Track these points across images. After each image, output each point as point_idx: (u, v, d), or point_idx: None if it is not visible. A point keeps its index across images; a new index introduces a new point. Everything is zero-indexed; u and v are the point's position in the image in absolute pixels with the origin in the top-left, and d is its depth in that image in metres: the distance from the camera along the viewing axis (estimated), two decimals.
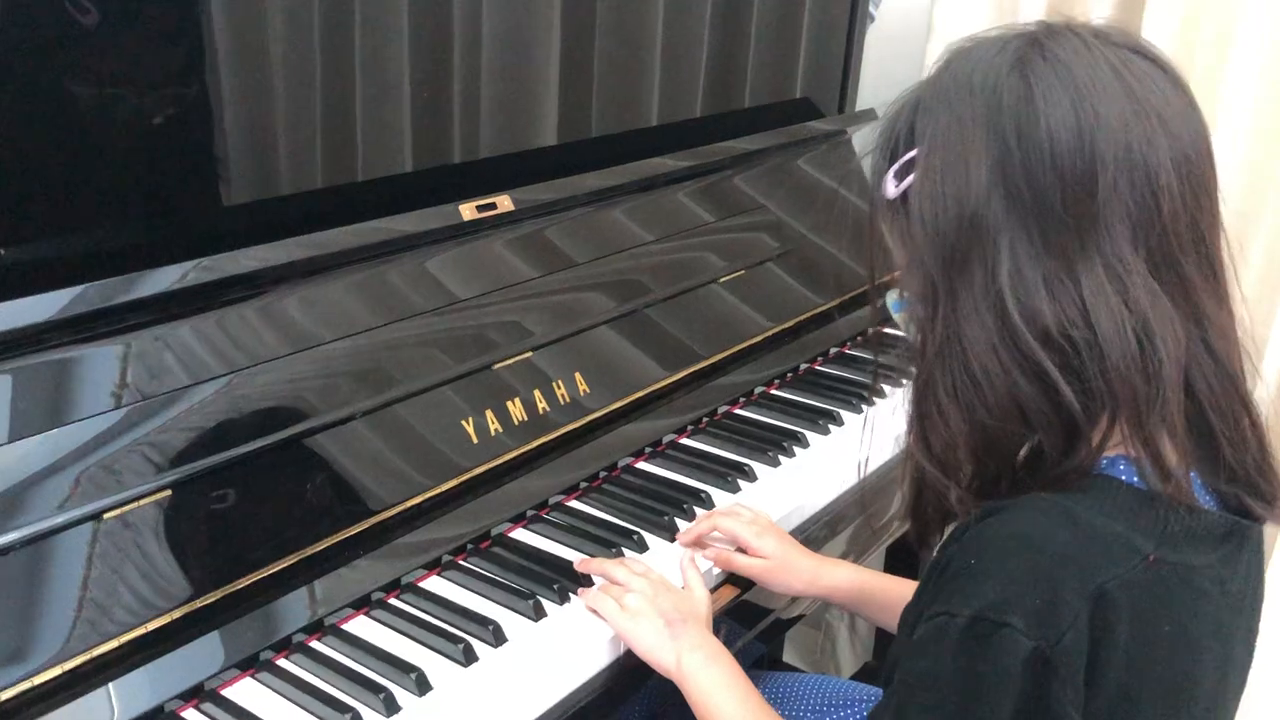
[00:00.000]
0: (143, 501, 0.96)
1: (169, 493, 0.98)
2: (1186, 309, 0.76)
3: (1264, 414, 0.83)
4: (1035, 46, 0.76)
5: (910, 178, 0.79)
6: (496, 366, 1.23)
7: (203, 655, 0.96)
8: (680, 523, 1.19)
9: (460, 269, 1.27)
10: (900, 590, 1.16)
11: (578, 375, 1.30)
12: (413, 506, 1.13)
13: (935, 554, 0.86)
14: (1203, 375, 0.77)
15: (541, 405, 1.25)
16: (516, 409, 1.23)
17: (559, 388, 1.27)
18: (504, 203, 1.26)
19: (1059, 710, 0.72)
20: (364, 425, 1.12)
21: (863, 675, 1.58)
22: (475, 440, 1.18)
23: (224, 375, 1.05)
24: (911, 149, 0.79)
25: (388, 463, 1.13)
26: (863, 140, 1.87)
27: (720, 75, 1.71)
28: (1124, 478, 0.77)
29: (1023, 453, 0.84)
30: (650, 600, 1.03)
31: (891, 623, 1.16)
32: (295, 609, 1.02)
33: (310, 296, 1.14)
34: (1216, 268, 0.78)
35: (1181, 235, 0.75)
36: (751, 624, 1.22)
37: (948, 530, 0.89)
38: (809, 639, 2.26)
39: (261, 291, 1.11)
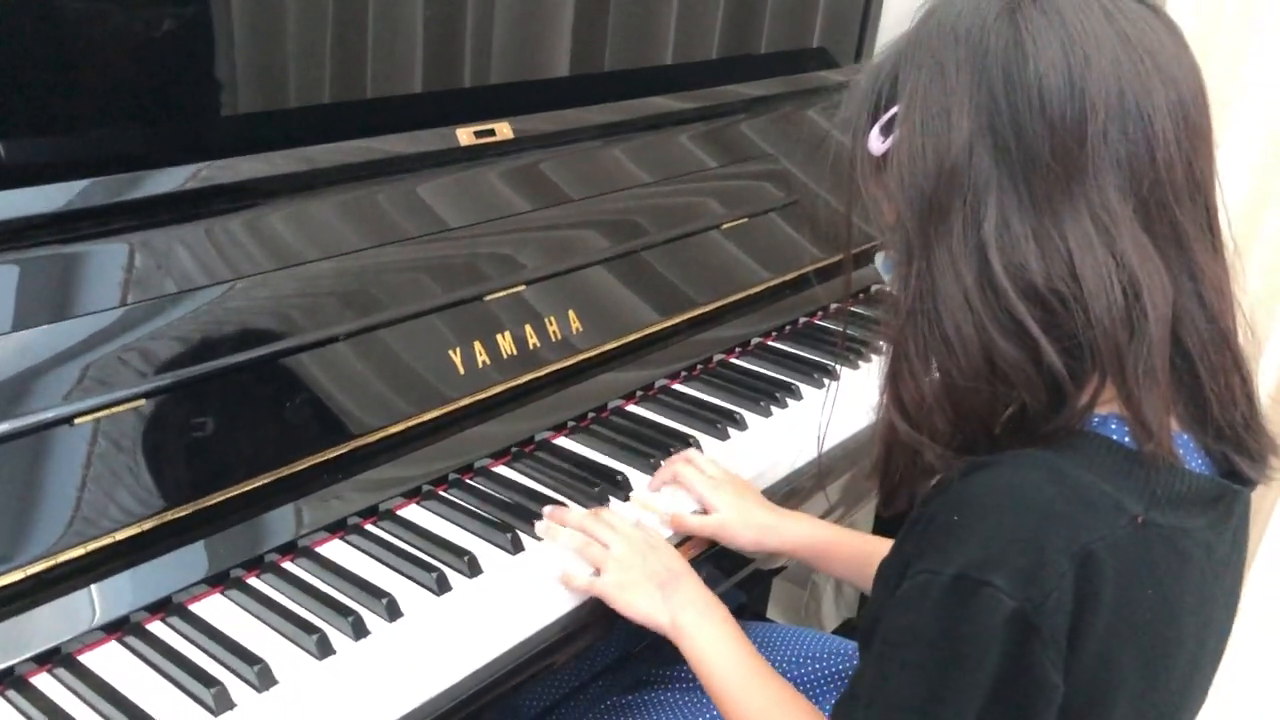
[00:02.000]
0: (120, 408, 0.94)
1: (145, 401, 0.96)
2: (1180, 260, 0.73)
3: (1264, 409, 0.80)
4: None
5: (894, 134, 0.76)
6: (488, 298, 1.21)
7: (173, 568, 0.94)
8: None
9: (457, 195, 1.25)
10: (862, 546, 1.14)
11: (571, 313, 1.28)
12: (396, 434, 1.11)
13: (918, 508, 0.84)
14: (1194, 329, 0.74)
15: (532, 341, 1.23)
16: (506, 343, 1.21)
17: (551, 324, 1.25)
18: (504, 130, 1.23)
19: (1040, 671, 0.70)
20: (351, 347, 1.10)
21: (843, 631, 1.57)
22: (463, 371, 1.16)
23: (215, 284, 1.04)
24: (895, 103, 0.77)
25: (373, 387, 1.11)
26: None
27: (737, 20, 1.68)
28: (1114, 437, 0.75)
29: (1008, 412, 0.82)
30: (640, 565, 1.00)
31: (852, 577, 1.14)
32: (270, 528, 1.00)
33: (302, 213, 1.12)
34: (1212, 219, 0.75)
35: (1177, 183, 0.72)
36: (731, 571, 1.21)
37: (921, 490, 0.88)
38: (794, 596, 2.26)
39: (252, 204, 1.09)
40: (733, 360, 1.45)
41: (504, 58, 1.36)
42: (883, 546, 1.13)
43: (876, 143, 0.78)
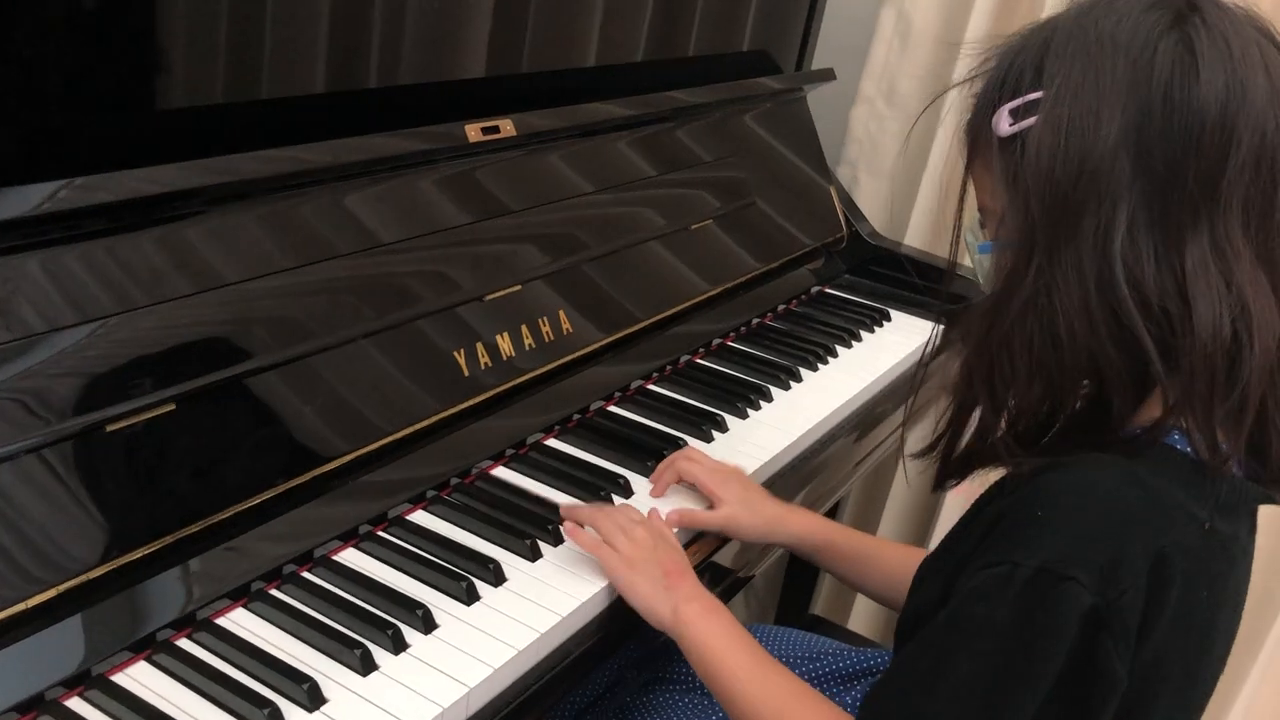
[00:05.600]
0: (149, 414, 0.89)
1: (174, 406, 0.91)
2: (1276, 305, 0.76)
3: None
4: (1194, 12, 0.74)
5: (1030, 120, 0.76)
6: (487, 298, 1.19)
7: (190, 582, 0.90)
8: None
9: (453, 195, 1.22)
10: (862, 544, 1.17)
11: (562, 313, 1.27)
12: (391, 443, 1.07)
13: (975, 507, 0.87)
14: (1271, 371, 0.77)
15: (528, 341, 1.22)
16: (505, 343, 1.19)
17: (544, 325, 1.24)
18: (507, 127, 1.21)
19: (1107, 664, 0.73)
20: (344, 357, 1.06)
21: (812, 627, 1.59)
22: (466, 374, 1.14)
23: (197, 293, 0.98)
24: (1035, 90, 0.76)
25: (367, 397, 1.07)
26: (818, 96, 1.87)
27: (669, 22, 1.67)
28: (1179, 446, 0.79)
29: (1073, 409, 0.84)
30: (650, 549, 1.01)
31: (848, 574, 1.17)
32: (283, 539, 0.96)
33: (246, 223, 1.03)
34: None
35: None
36: (718, 581, 1.22)
37: (972, 478, 0.90)
38: None
39: (197, 212, 1.00)
40: (699, 361, 1.46)
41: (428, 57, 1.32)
42: (880, 547, 1.17)
43: (1004, 123, 0.78)
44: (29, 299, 0.87)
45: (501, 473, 1.15)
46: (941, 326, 0.93)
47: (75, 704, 0.80)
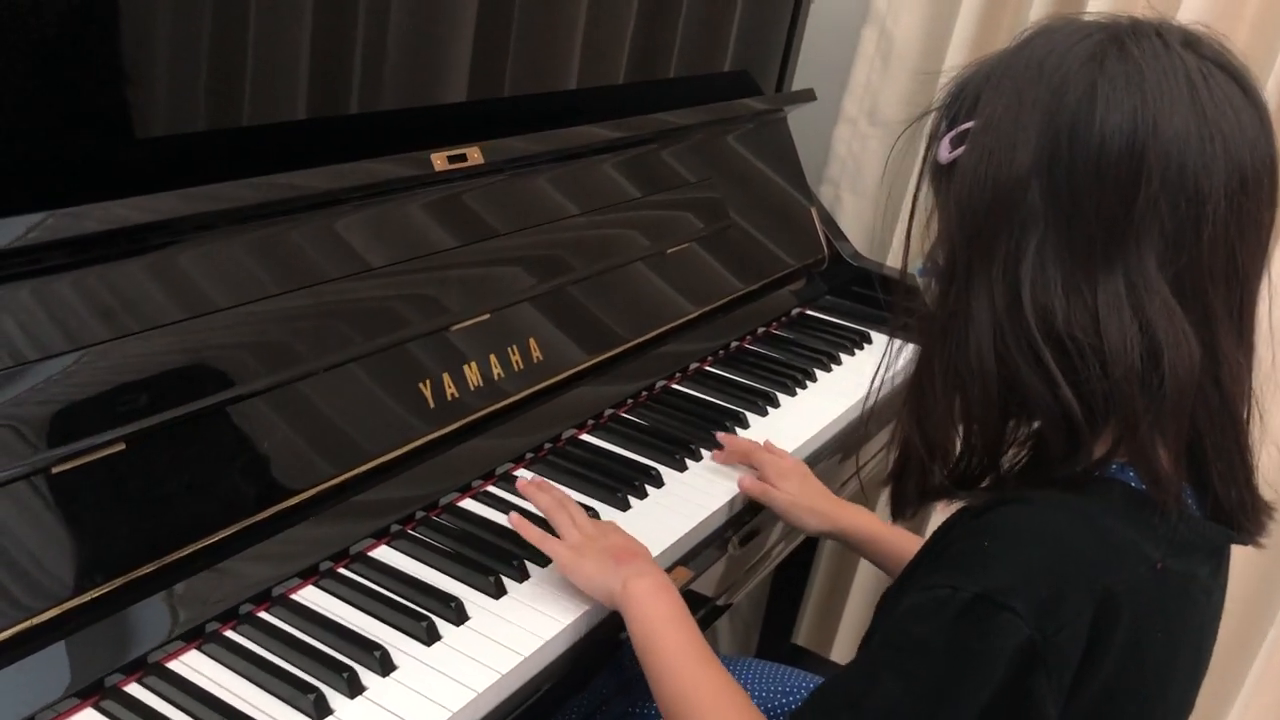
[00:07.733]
0: (94, 455, 0.87)
1: (124, 446, 0.89)
2: (1204, 341, 0.74)
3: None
4: (1115, 43, 0.74)
5: (963, 148, 0.77)
6: (454, 328, 1.18)
7: (132, 629, 0.88)
8: (633, 500, 1.17)
9: (433, 221, 1.20)
10: (905, 542, 1.18)
11: (533, 341, 1.25)
12: (355, 476, 1.05)
13: (934, 537, 0.86)
14: (1206, 410, 0.76)
15: (497, 371, 1.20)
16: (472, 373, 1.17)
17: (514, 352, 1.22)
18: (474, 155, 1.20)
19: (1037, 700, 0.72)
20: (298, 391, 1.03)
21: (790, 660, 1.58)
22: (432, 405, 1.12)
23: (172, 323, 0.96)
24: (970, 119, 0.77)
25: (332, 430, 1.05)
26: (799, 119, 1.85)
27: (650, 44, 1.66)
28: (1133, 484, 0.77)
29: (1012, 451, 0.84)
30: (599, 539, 1.01)
31: (888, 568, 1.19)
32: (241, 578, 0.95)
33: (206, 255, 1.01)
34: (1245, 306, 0.76)
35: (1215, 266, 0.73)
36: (696, 609, 1.20)
37: (933, 508, 0.89)
38: None
39: (171, 242, 0.99)
40: (675, 387, 1.44)
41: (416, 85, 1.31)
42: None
43: (945, 151, 0.79)
44: (17, 328, 0.87)
45: (469, 505, 1.13)
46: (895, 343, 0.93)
47: None
